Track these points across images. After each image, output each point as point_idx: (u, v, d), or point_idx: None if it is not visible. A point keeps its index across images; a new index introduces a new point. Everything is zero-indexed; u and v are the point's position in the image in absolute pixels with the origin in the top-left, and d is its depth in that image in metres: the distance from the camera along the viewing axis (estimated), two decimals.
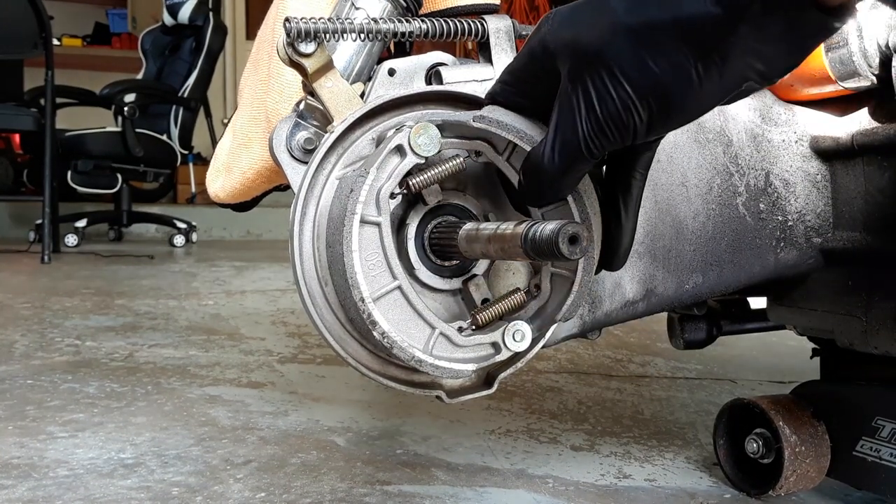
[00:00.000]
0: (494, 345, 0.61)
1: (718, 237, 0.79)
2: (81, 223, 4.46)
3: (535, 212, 0.63)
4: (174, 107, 4.98)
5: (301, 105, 0.71)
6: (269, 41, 0.93)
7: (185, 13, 5.15)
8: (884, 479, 0.81)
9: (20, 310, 2.17)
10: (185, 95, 4.99)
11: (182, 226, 4.80)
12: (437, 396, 0.67)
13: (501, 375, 0.67)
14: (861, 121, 0.78)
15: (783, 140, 0.81)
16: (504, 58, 0.69)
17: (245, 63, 1.02)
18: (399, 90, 0.67)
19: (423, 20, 0.68)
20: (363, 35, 0.66)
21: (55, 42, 4.77)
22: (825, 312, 0.83)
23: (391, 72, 0.68)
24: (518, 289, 0.64)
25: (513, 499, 0.90)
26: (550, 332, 0.67)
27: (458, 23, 0.69)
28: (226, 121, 5.54)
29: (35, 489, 0.89)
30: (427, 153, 0.59)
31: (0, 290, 2.58)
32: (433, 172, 0.60)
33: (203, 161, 5.92)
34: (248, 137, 0.92)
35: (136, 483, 0.91)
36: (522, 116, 0.60)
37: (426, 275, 0.64)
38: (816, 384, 0.92)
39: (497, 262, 0.67)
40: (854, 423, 0.85)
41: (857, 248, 0.78)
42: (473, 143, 0.61)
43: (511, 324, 0.61)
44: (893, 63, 0.71)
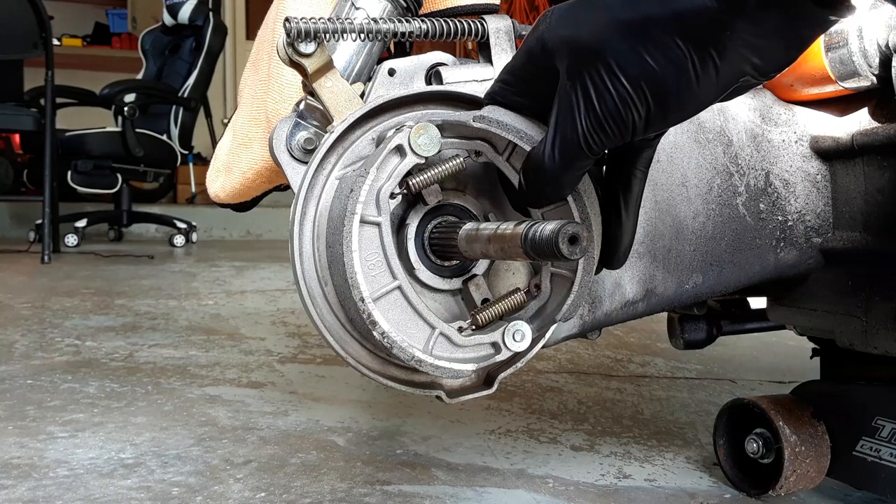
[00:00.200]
0: (494, 345, 0.61)
1: (718, 237, 0.79)
2: (81, 223, 4.46)
3: (535, 212, 0.63)
4: (174, 107, 4.98)
5: (301, 105, 0.71)
6: (269, 41, 0.93)
7: (185, 13, 5.15)
8: (884, 479, 0.81)
9: (20, 310, 2.17)
10: (185, 95, 4.99)
11: (182, 226, 4.80)
12: (437, 396, 0.67)
13: (501, 375, 0.67)
14: (861, 121, 0.78)
15: (783, 140, 0.81)
16: (504, 58, 0.69)
17: (245, 63, 1.02)
18: (399, 90, 0.67)
19: (423, 20, 0.68)
20: (363, 35, 0.66)
21: (55, 42, 4.78)
22: (825, 312, 0.83)
23: (391, 72, 0.68)
24: (518, 289, 0.64)
25: (513, 499, 0.90)
26: (550, 332, 0.67)
27: (458, 23, 0.69)
28: (226, 121, 5.55)
29: (35, 489, 0.89)
30: (427, 153, 0.59)
31: (0, 290, 2.58)
32: (433, 172, 0.60)
33: (203, 161, 5.92)
34: (248, 137, 0.92)
35: (136, 483, 0.91)
36: (522, 116, 0.60)
37: (426, 275, 0.64)
38: (816, 384, 0.92)
39: (497, 262, 0.67)
40: (854, 423, 0.85)
41: (857, 248, 0.78)
42: (473, 143, 0.61)
43: (511, 324, 0.61)
44: (893, 63, 0.71)
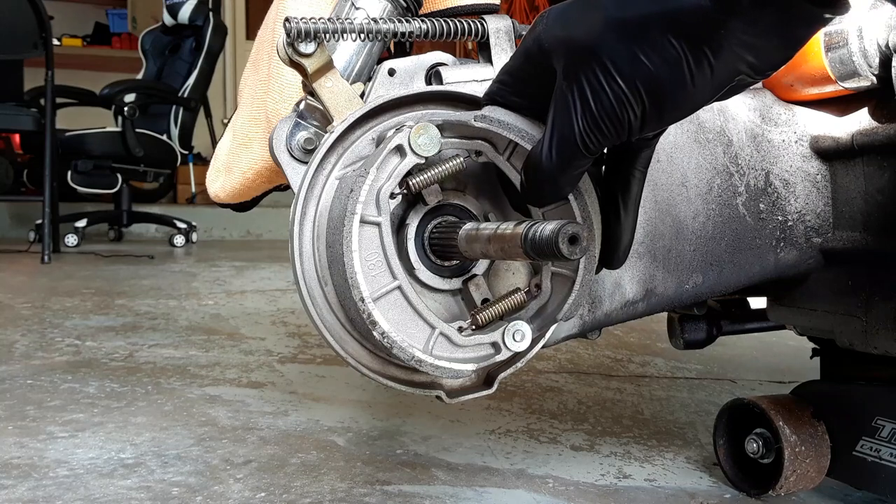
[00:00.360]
0: (494, 345, 0.61)
1: (718, 237, 0.79)
2: (81, 223, 4.46)
3: (536, 211, 0.63)
4: (174, 107, 4.98)
5: (301, 105, 0.71)
6: (269, 41, 0.93)
7: (185, 13, 5.15)
8: (884, 479, 0.81)
9: (20, 310, 2.17)
10: (185, 95, 4.99)
11: (182, 226, 4.80)
12: (437, 396, 0.67)
13: (501, 375, 0.67)
14: (861, 121, 0.78)
15: (783, 140, 0.81)
16: (504, 58, 0.69)
17: (245, 63, 1.02)
18: (399, 90, 0.67)
19: (423, 20, 0.68)
20: (363, 35, 0.66)
21: (55, 42, 4.78)
22: (825, 312, 0.83)
23: (391, 72, 0.68)
24: (518, 288, 0.64)
25: (513, 499, 0.90)
26: (550, 332, 0.67)
27: (458, 23, 0.69)
28: (226, 121, 5.54)
29: (35, 489, 0.89)
30: (427, 153, 0.59)
31: (0, 290, 2.58)
32: (433, 172, 0.60)
33: (203, 161, 5.92)
34: (248, 137, 0.92)
35: (136, 483, 0.91)
36: (521, 116, 0.60)
37: (426, 275, 0.64)
38: (816, 384, 0.92)
39: (497, 262, 0.67)
40: (854, 423, 0.85)
41: (857, 248, 0.78)
42: (474, 143, 0.61)
43: (511, 324, 0.61)
44: (893, 63, 0.71)
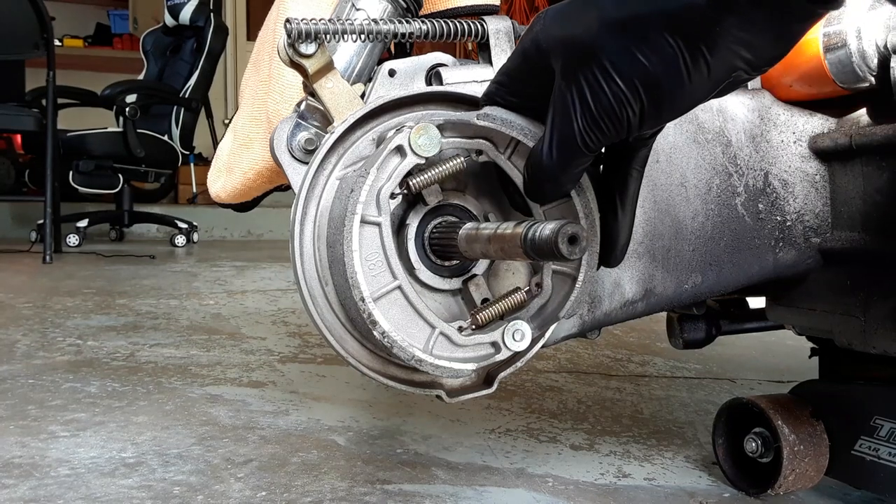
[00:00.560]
0: (494, 344, 0.61)
1: (717, 237, 0.79)
2: (83, 223, 4.46)
3: (537, 209, 0.63)
4: (175, 107, 4.98)
5: (302, 106, 0.71)
6: (270, 42, 0.93)
7: (187, 14, 5.16)
8: (882, 479, 0.81)
9: (22, 309, 2.17)
10: (187, 96, 4.99)
11: (183, 226, 4.80)
12: (437, 396, 0.67)
13: (501, 375, 0.68)
14: (860, 121, 0.78)
15: (782, 140, 0.81)
16: (504, 58, 0.69)
17: (246, 64, 1.02)
18: (399, 91, 0.68)
19: (424, 21, 0.68)
20: (364, 36, 0.66)
21: (56, 43, 4.77)
22: (824, 312, 0.83)
23: (391, 72, 0.69)
24: (518, 288, 0.64)
25: (513, 498, 0.90)
26: (550, 332, 0.67)
27: (458, 24, 0.69)
28: (227, 121, 5.56)
29: (37, 488, 0.89)
30: (427, 153, 0.59)
31: (2, 290, 2.59)
32: (433, 172, 0.60)
33: (204, 161, 5.93)
34: (249, 138, 0.92)
35: (138, 482, 0.92)
36: (520, 115, 0.61)
37: (426, 275, 0.65)
38: (815, 383, 0.92)
39: (497, 262, 0.68)
40: (853, 423, 0.85)
41: (856, 248, 0.78)
42: (475, 143, 0.62)
43: (511, 323, 0.61)
44: (892, 64, 0.71)
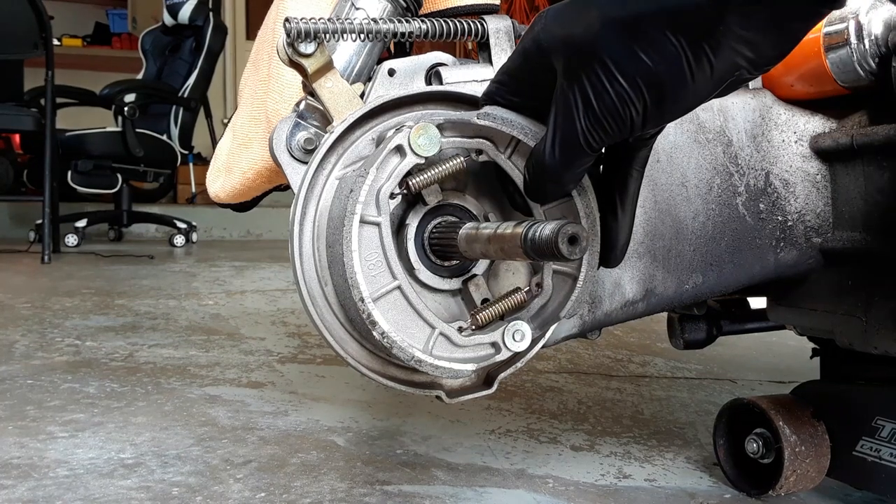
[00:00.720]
0: (494, 345, 0.61)
1: (718, 237, 0.79)
2: (81, 223, 4.46)
3: (537, 209, 0.63)
4: (174, 107, 4.98)
5: (301, 105, 0.71)
6: (269, 42, 0.93)
7: (186, 13, 5.15)
8: (884, 479, 0.81)
9: (20, 310, 2.17)
10: (186, 95, 4.99)
11: (182, 226, 4.80)
12: (437, 396, 0.67)
13: (501, 375, 0.68)
14: (861, 121, 0.78)
15: (783, 140, 0.81)
16: (504, 58, 0.69)
17: (245, 63, 1.02)
18: (399, 90, 0.67)
19: (423, 20, 0.68)
20: (363, 35, 0.66)
21: (55, 42, 4.78)
22: (825, 312, 0.83)
23: (391, 72, 0.68)
24: (518, 288, 0.64)
25: (513, 499, 0.90)
26: (551, 332, 0.67)
27: (458, 23, 0.69)
28: (226, 121, 5.54)
29: (35, 489, 0.89)
30: (427, 153, 0.59)
31: (0, 290, 2.58)
32: (433, 172, 0.60)
33: (203, 161, 5.92)
34: (249, 138, 0.92)
35: (136, 483, 0.91)
36: (520, 115, 0.60)
37: (426, 275, 0.64)
38: (816, 384, 0.92)
39: (497, 262, 0.67)
40: (854, 423, 0.85)
41: (857, 248, 0.78)
42: (475, 142, 0.62)
43: (511, 324, 0.61)
44: (893, 63, 0.71)
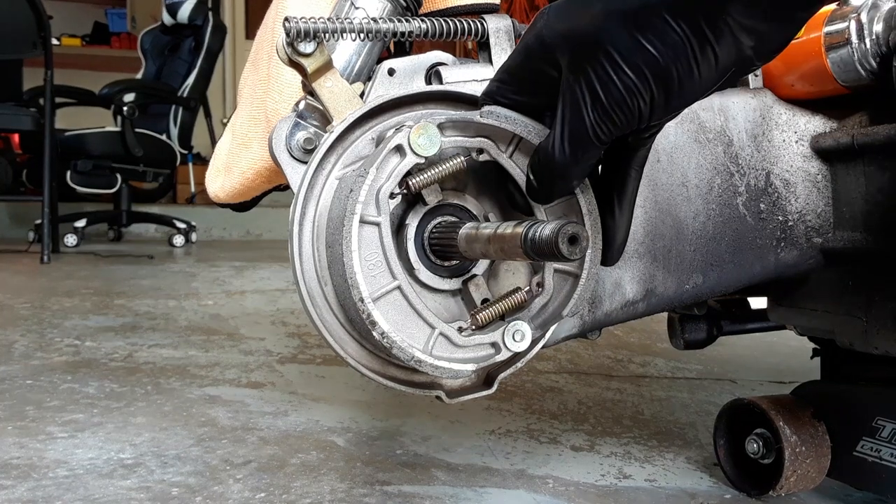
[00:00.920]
0: (494, 345, 0.61)
1: (719, 237, 0.79)
2: (81, 223, 4.45)
3: (538, 209, 0.62)
4: (174, 106, 4.98)
5: (301, 105, 0.71)
6: (269, 41, 0.93)
7: (185, 13, 5.15)
8: (884, 480, 0.81)
9: (19, 310, 2.17)
10: (185, 95, 4.99)
11: (182, 226, 4.79)
12: (437, 396, 0.67)
13: (501, 375, 0.67)
14: (862, 120, 0.78)
15: (784, 140, 0.81)
16: (504, 57, 0.69)
17: (244, 63, 1.02)
18: (399, 90, 0.67)
19: (423, 20, 0.68)
20: (363, 35, 0.66)
21: (54, 42, 4.77)
22: (825, 312, 0.82)
23: (391, 71, 0.68)
24: (518, 288, 0.64)
25: (513, 499, 0.90)
26: (551, 332, 0.67)
27: (458, 22, 0.69)
28: (225, 120, 5.55)
29: (34, 489, 0.89)
30: (427, 153, 0.59)
31: None
32: (433, 172, 0.60)
33: (202, 161, 5.91)
34: (248, 137, 0.92)
35: (136, 483, 0.91)
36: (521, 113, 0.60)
37: (426, 275, 0.64)
38: (817, 384, 0.92)
39: (497, 262, 0.67)
40: (854, 424, 0.84)
41: (858, 249, 0.78)
42: (476, 141, 0.61)
43: (511, 324, 0.60)
44: (894, 62, 0.71)
